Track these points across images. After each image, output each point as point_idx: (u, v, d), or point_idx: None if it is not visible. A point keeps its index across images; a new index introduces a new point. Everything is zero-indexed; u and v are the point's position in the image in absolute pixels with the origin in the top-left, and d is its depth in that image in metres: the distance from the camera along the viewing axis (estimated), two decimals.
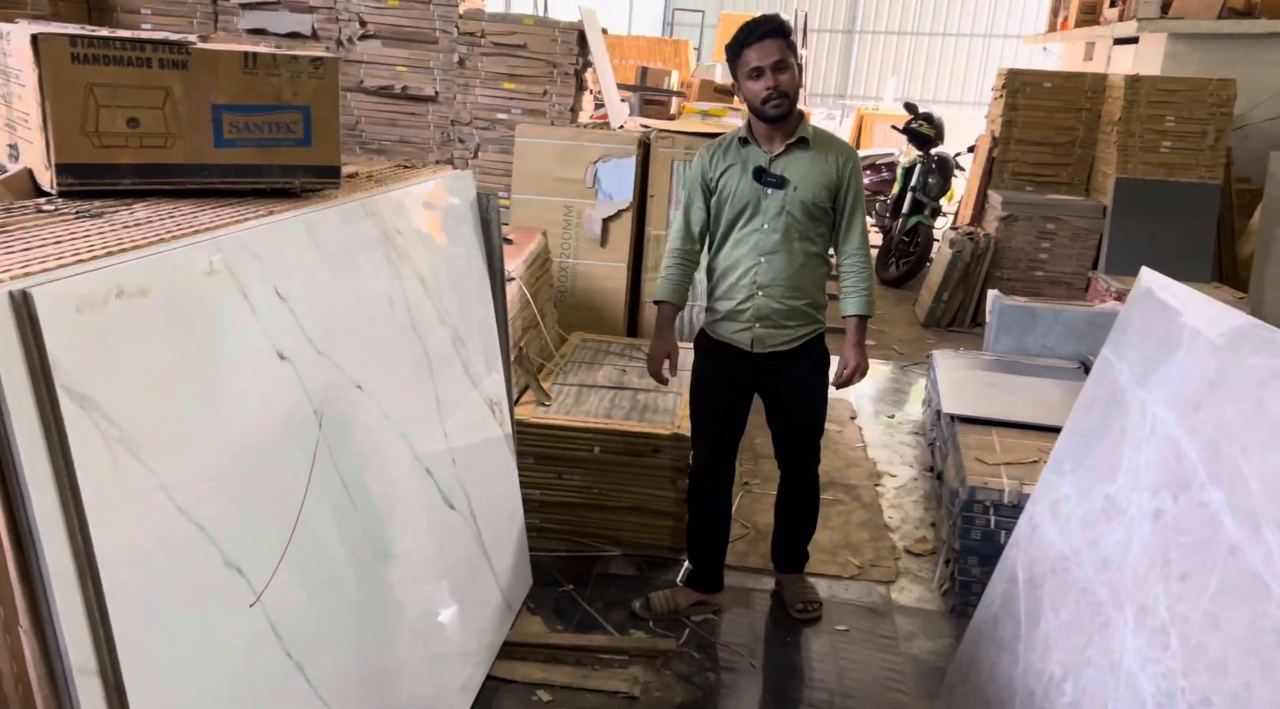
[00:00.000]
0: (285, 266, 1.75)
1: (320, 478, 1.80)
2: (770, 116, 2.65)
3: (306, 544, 1.74)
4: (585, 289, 5.04)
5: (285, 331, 1.71)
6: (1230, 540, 1.57)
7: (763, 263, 2.73)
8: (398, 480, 2.15)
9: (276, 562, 1.64)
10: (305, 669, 1.69)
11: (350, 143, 5.49)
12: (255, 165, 1.93)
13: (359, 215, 2.09)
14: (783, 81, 2.61)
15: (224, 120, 1.86)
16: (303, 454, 1.75)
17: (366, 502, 1.98)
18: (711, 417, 2.92)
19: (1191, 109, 6.36)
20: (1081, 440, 2.24)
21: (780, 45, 2.62)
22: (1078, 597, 1.99)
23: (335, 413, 1.87)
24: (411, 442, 2.22)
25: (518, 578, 2.94)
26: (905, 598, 3.20)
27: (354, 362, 1.97)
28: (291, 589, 1.68)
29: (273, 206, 1.87)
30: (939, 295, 6.71)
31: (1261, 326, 1.72)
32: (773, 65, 2.60)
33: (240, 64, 1.86)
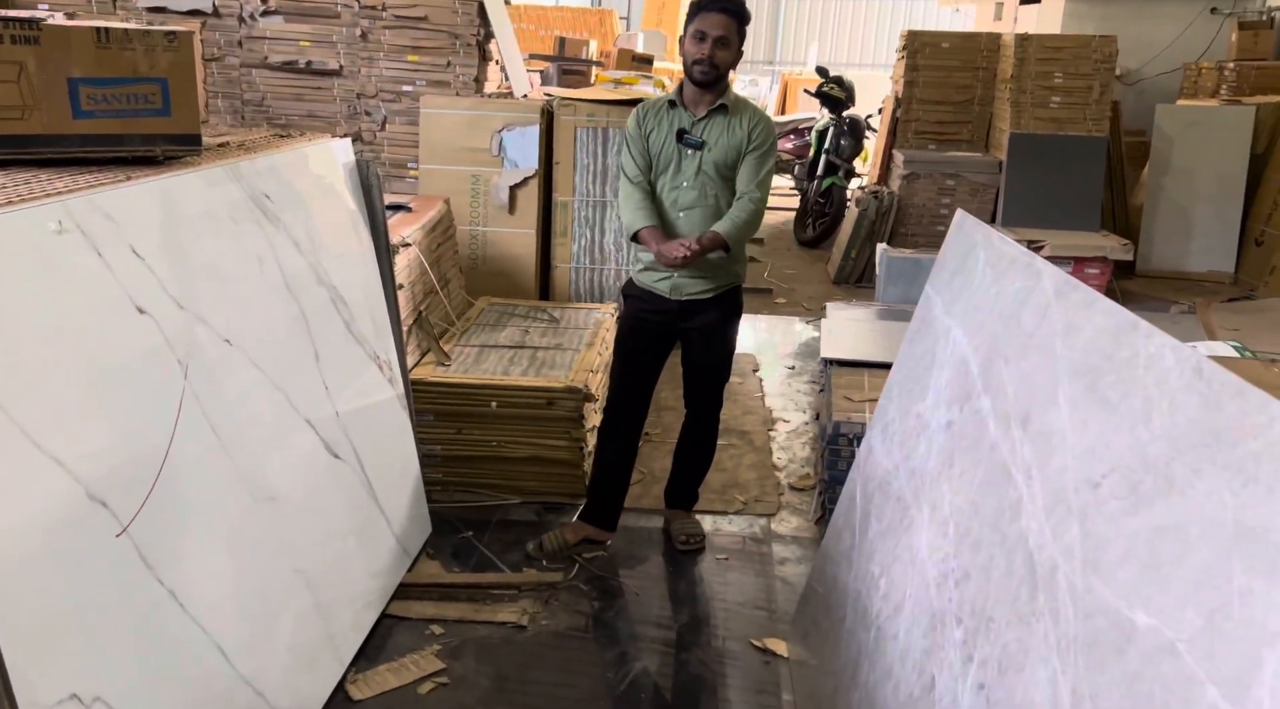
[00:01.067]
0: (142, 227, 1.88)
1: (189, 422, 1.95)
2: (694, 78, 2.87)
3: (176, 482, 1.89)
4: (495, 255, 5.18)
5: (143, 287, 1.86)
6: (992, 439, 1.79)
7: (681, 217, 2.96)
8: (274, 428, 2.31)
9: (144, 496, 1.79)
10: (178, 595, 1.85)
11: (258, 118, 5.56)
12: (116, 135, 2.06)
13: (223, 180, 2.23)
14: (718, 56, 2.83)
15: (80, 93, 1.98)
16: (168, 399, 1.90)
17: (239, 446, 2.13)
18: (632, 355, 3.14)
19: (1077, 65, 6.64)
20: (906, 367, 2.46)
21: (731, 24, 2.84)
22: (894, 505, 2.22)
23: (202, 363, 2.02)
24: (288, 393, 2.37)
25: (414, 525, 3.11)
26: (784, 528, 3.43)
27: (221, 317, 2.12)
28: (162, 522, 1.83)
29: (132, 173, 2.00)
30: (847, 253, 6.95)
31: (1026, 254, 1.94)
32: (716, 38, 2.82)
33: (93, 39, 1.98)
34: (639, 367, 3.12)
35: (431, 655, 2.67)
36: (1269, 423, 1.06)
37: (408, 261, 3.72)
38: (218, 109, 5.53)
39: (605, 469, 3.22)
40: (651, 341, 3.10)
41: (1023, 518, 1.57)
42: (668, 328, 3.08)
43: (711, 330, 3.07)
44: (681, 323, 3.06)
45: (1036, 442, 1.61)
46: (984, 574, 1.66)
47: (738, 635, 2.82)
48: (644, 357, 3.11)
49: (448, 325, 4.07)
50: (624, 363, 3.16)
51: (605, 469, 3.22)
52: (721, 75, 2.88)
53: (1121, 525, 1.29)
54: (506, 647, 2.73)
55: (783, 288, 6.82)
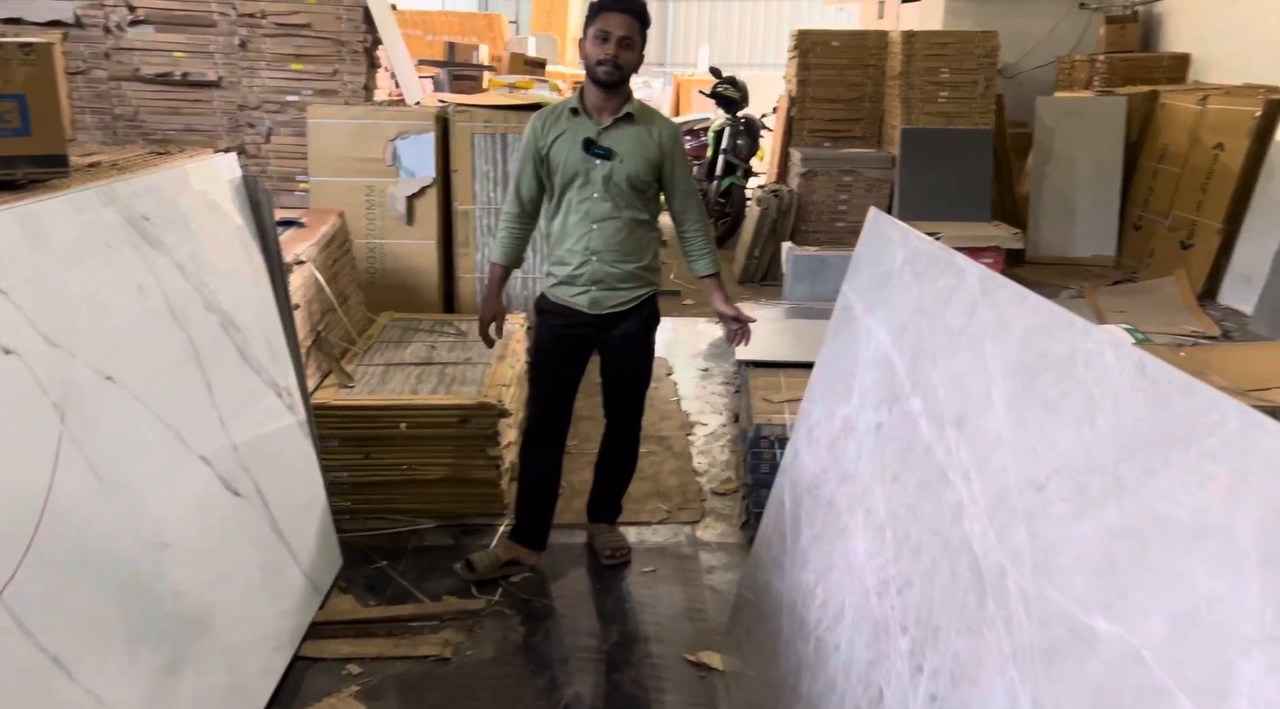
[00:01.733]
0: (3, 260, 1.70)
1: (68, 470, 1.78)
2: (599, 79, 2.76)
3: (57, 537, 1.72)
4: (395, 269, 5.00)
5: (8, 326, 1.68)
6: (925, 441, 1.76)
7: (594, 230, 2.85)
8: (166, 469, 2.14)
9: (19, 558, 1.62)
10: (63, 661, 1.68)
11: (131, 134, 5.25)
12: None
13: (95, 204, 2.05)
14: (622, 57, 2.73)
15: None
16: (42, 447, 1.73)
17: (127, 492, 1.96)
18: (550, 373, 3.04)
19: (962, 60, 6.81)
20: (827, 368, 2.43)
21: (634, 24, 2.75)
22: (825, 510, 2.18)
23: (81, 404, 1.85)
24: (179, 429, 2.20)
25: (324, 559, 2.94)
26: (709, 535, 3.38)
27: (100, 353, 1.94)
28: (41, 583, 1.66)
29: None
30: (751, 252, 6.98)
31: (947, 251, 1.92)
32: (620, 39, 2.72)
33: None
34: (559, 382, 3.03)
35: (350, 698, 2.52)
36: (1221, 420, 1.04)
37: (303, 280, 3.54)
38: (86, 126, 5.20)
39: (532, 488, 3.12)
40: (571, 356, 3.02)
41: (965, 521, 1.54)
42: (586, 340, 3.01)
43: (632, 339, 3.01)
44: (601, 334, 2.99)
45: (974, 443, 1.58)
46: (927, 581, 1.62)
47: (671, 650, 2.75)
48: (564, 371, 3.02)
49: (348, 344, 3.90)
50: (544, 379, 3.06)
51: (532, 488, 3.12)
52: (625, 77, 2.80)
53: (1072, 529, 1.26)
54: (430, 681, 2.60)
55: (690, 289, 6.80)
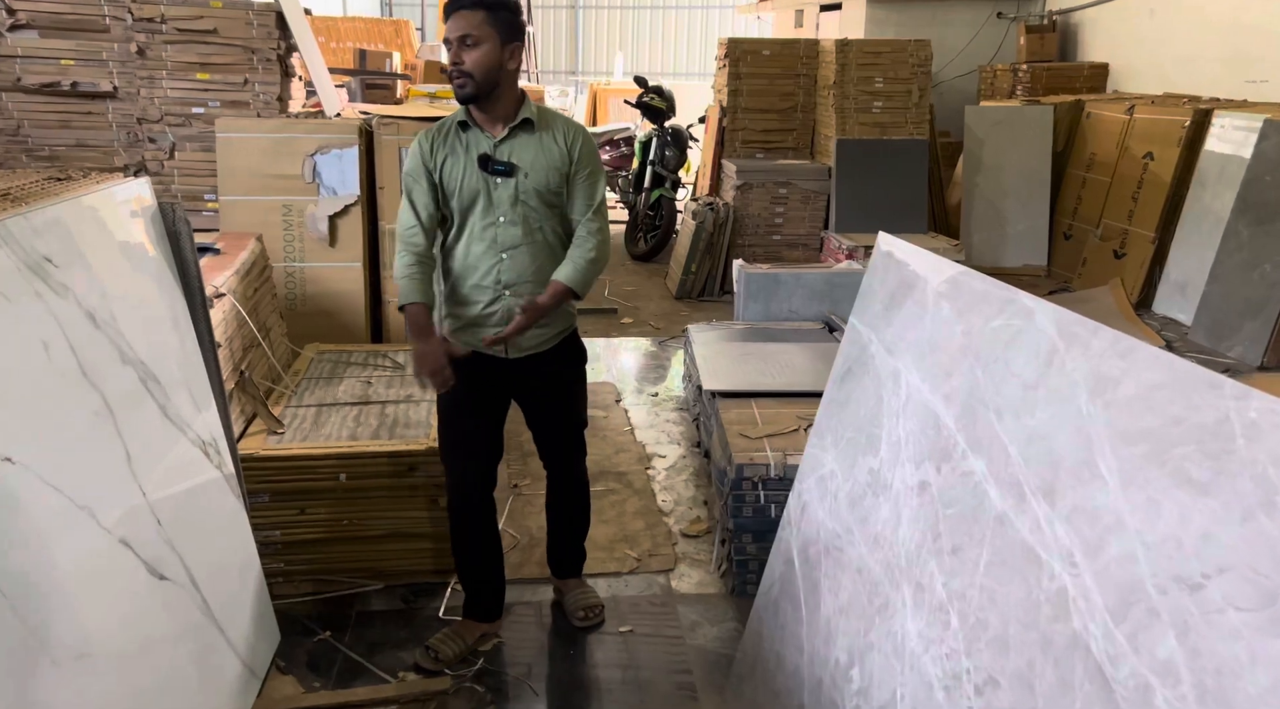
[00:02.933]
0: None
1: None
2: (457, 96, 2.40)
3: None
4: (318, 294, 4.61)
5: None
6: (997, 511, 1.53)
7: (505, 260, 2.47)
8: (79, 562, 1.77)
9: None
10: None
11: (14, 151, 4.73)
12: None
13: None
14: (467, 59, 2.33)
15: None
16: None
17: (31, 598, 1.60)
18: (466, 435, 2.64)
19: (896, 70, 6.72)
20: (840, 411, 2.20)
21: (474, 19, 2.32)
22: (854, 577, 1.94)
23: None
24: (95, 512, 1.84)
25: (260, 637, 2.58)
26: (685, 585, 3.12)
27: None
28: None
29: None
30: (687, 267, 6.75)
31: (1001, 287, 1.71)
32: (459, 39, 2.33)
33: None
34: (477, 438, 2.64)
35: None
36: None
37: (224, 314, 3.15)
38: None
39: (469, 561, 2.75)
40: (486, 409, 2.64)
41: (1074, 617, 1.31)
42: (503, 390, 2.64)
43: (558, 382, 2.67)
44: (518, 381, 2.62)
45: (1076, 522, 1.36)
46: (1022, 684, 1.39)
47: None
48: (481, 428, 2.64)
49: (273, 384, 3.51)
50: (457, 441, 2.66)
51: (469, 561, 2.75)
52: (482, 83, 2.36)
53: (1256, 645, 1.04)
54: None
55: (627, 306, 6.54)
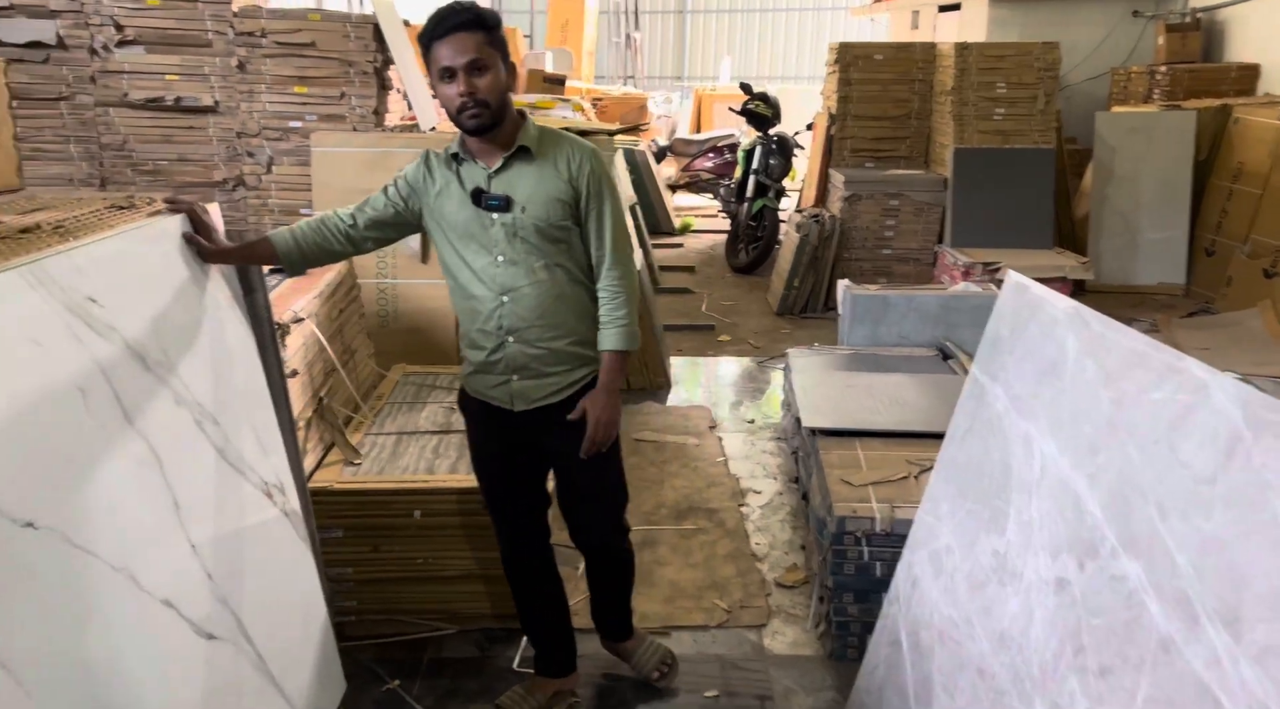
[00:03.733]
0: None
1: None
2: (468, 128, 2.11)
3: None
4: (408, 311, 4.52)
5: None
6: (1160, 633, 1.24)
7: (506, 303, 2.22)
8: (114, 632, 1.64)
9: None
10: None
11: (120, 166, 4.79)
12: None
13: (18, 288, 1.56)
14: (480, 86, 2.06)
15: None
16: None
17: (54, 685, 1.46)
18: (500, 491, 2.44)
19: (1020, 74, 6.30)
20: (959, 477, 1.91)
21: (477, 40, 2.05)
22: (974, 679, 1.66)
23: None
24: (134, 573, 1.70)
25: (323, 688, 2.44)
26: (779, 644, 2.86)
27: (15, 491, 1.45)
28: None
29: None
30: (790, 282, 6.47)
31: (1160, 349, 1.41)
32: (466, 65, 2.05)
33: None
34: (518, 504, 2.42)
35: None
36: None
37: (302, 341, 3.05)
38: (69, 156, 4.75)
39: (529, 613, 2.56)
40: (517, 468, 2.40)
41: None
42: (527, 445, 2.37)
43: (576, 441, 2.28)
44: (538, 438, 2.34)
45: (1268, 664, 1.07)
46: None
47: None
48: (518, 490, 2.41)
49: (352, 412, 3.40)
50: (497, 505, 2.45)
51: (529, 613, 2.56)
52: (498, 111, 2.11)
53: None
54: None
55: (724, 322, 6.30)
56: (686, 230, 9.41)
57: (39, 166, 4.69)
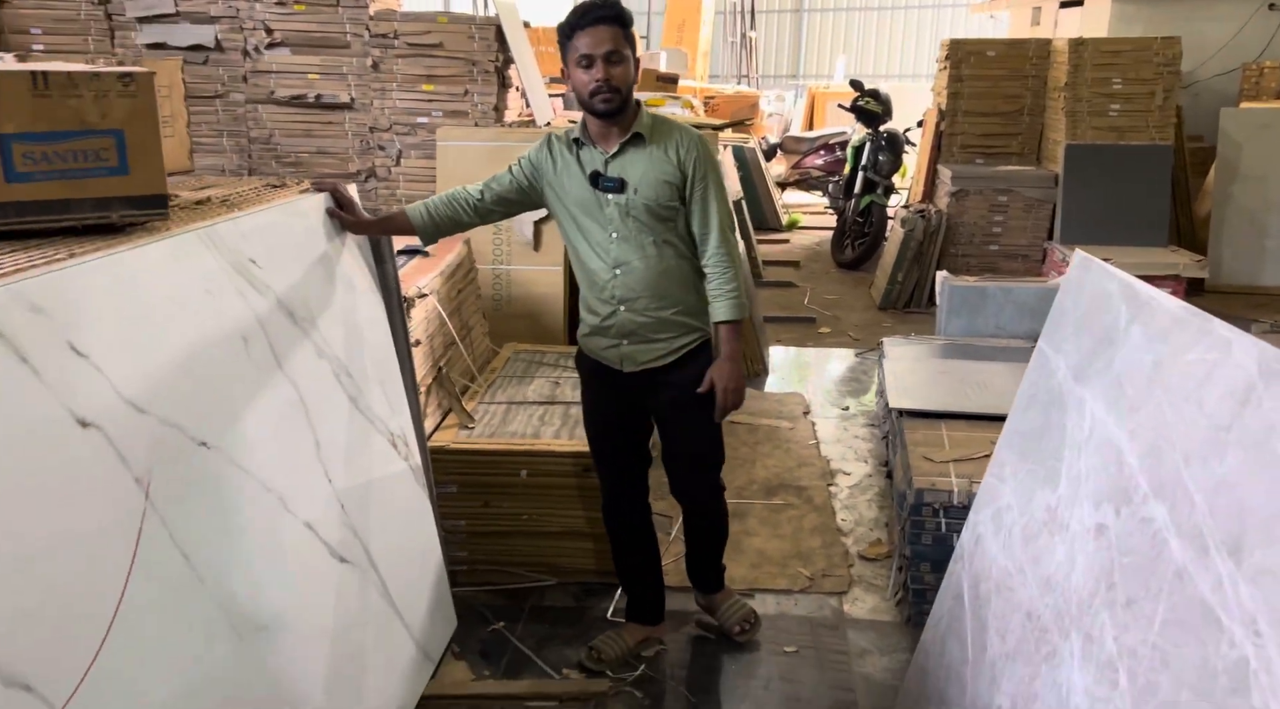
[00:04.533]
0: (85, 317, 1.51)
1: (150, 555, 1.57)
2: (599, 111, 2.35)
3: (134, 636, 1.51)
4: (521, 296, 4.81)
5: (87, 393, 1.48)
6: (1176, 563, 1.37)
7: (619, 275, 2.45)
8: (265, 542, 1.93)
9: (87, 665, 1.41)
10: None
11: (265, 157, 5.24)
12: (62, 200, 1.70)
13: (196, 248, 1.86)
14: (615, 74, 2.31)
15: (14, 151, 1.62)
16: (120, 532, 1.52)
17: (220, 573, 1.75)
18: (609, 449, 2.67)
19: (1138, 70, 6.20)
20: (1021, 442, 2.04)
21: (616, 34, 2.31)
22: (1023, 621, 1.80)
23: (169, 478, 1.64)
24: (282, 496, 1.99)
25: (437, 623, 2.72)
26: (858, 609, 3.01)
27: (194, 415, 1.74)
28: (114, 693, 1.45)
29: (78, 247, 1.63)
30: (893, 276, 6.53)
31: (1199, 315, 1.53)
32: (605, 55, 2.29)
33: (29, 86, 1.62)
34: (621, 456, 2.64)
35: None
36: None
37: (425, 314, 3.35)
38: (222, 149, 5.22)
39: (628, 565, 2.78)
40: (623, 424, 2.62)
41: (1254, 693, 1.15)
42: (633, 403, 2.58)
43: (681, 407, 2.52)
44: (644, 398, 2.56)
45: (1262, 584, 1.19)
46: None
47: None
48: (623, 444, 2.63)
49: (469, 381, 3.69)
50: (603, 456, 2.68)
51: (628, 565, 2.78)
52: (626, 98, 2.36)
53: None
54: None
55: (826, 315, 6.41)
56: (794, 227, 9.51)
57: (196, 158, 5.16)
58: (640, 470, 2.70)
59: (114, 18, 5.07)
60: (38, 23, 5.03)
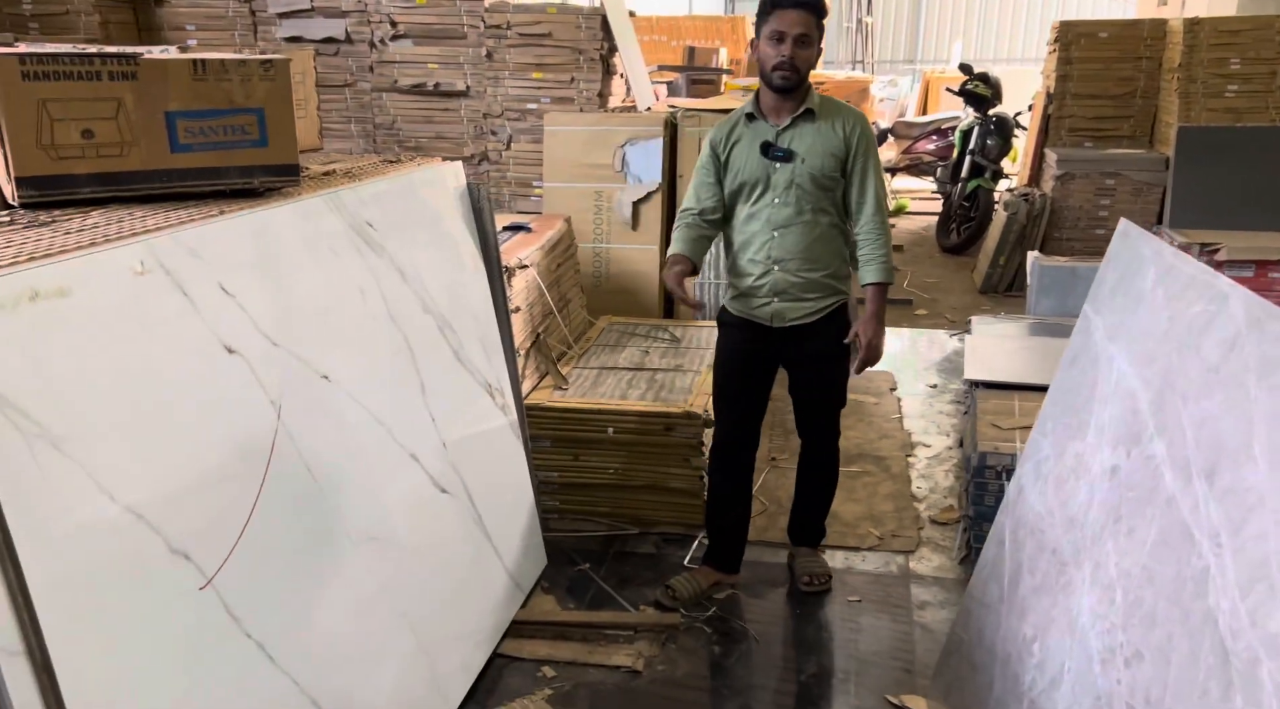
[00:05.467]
0: (231, 263, 1.82)
1: (281, 465, 1.88)
2: (775, 84, 2.63)
3: (267, 528, 1.82)
4: (619, 273, 5.07)
5: (233, 326, 1.79)
6: (1168, 491, 1.51)
7: (776, 237, 2.72)
8: (376, 466, 2.23)
9: (231, 546, 1.72)
10: (267, 647, 1.78)
11: (389, 142, 5.64)
12: (214, 168, 2.02)
13: (323, 210, 2.17)
14: (799, 56, 2.58)
15: (178, 126, 1.95)
16: (258, 443, 1.83)
17: (337, 487, 2.06)
18: (734, 392, 2.92)
19: (1258, 49, 6.03)
20: (1063, 398, 2.18)
21: (810, 20, 2.58)
22: (1049, 557, 1.94)
23: (297, 402, 1.95)
24: (391, 428, 2.29)
25: (528, 559, 3.00)
26: (924, 567, 3.15)
27: (318, 352, 2.05)
28: (250, 571, 1.76)
29: (226, 206, 1.95)
30: (995, 260, 6.52)
31: (1207, 271, 1.65)
32: (796, 37, 2.57)
33: (190, 71, 1.94)
34: (744, 401, 2.90)
35: (542, 700, 2.54)
36: None
37: (525, 284, 3.63)
38: (350, 134, 5.64)
39: (721, 510, 3.02)
40: (755, 373, 2.87)
41: (1210, 594, 1.30)
42: (770, 357, 2.85)
43: (819, 357, 2.83)
44: (785, 351, 2.83)
45: (1226, 501, 1.34)
46: (1160, 656, 1.39)
47: (872, 689, 2.57)
48: (749, 389, 2.89)
49: (566, 348, 3.96)
50: (728, 398, 2.92)
51: (721, 510, 3.02)
52: (803, 78, 2.62)
53: None
54: (620, 694, 2.58)
55: (924, 298, 6.46)
56: (901, 211, 9.49)
57: (327, 142, 5.60)
58: (758, 415, 2.95)
59: (257, 14, 5.54)
60: (192, 19, 5.55)
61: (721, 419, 2.96)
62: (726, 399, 2.93)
